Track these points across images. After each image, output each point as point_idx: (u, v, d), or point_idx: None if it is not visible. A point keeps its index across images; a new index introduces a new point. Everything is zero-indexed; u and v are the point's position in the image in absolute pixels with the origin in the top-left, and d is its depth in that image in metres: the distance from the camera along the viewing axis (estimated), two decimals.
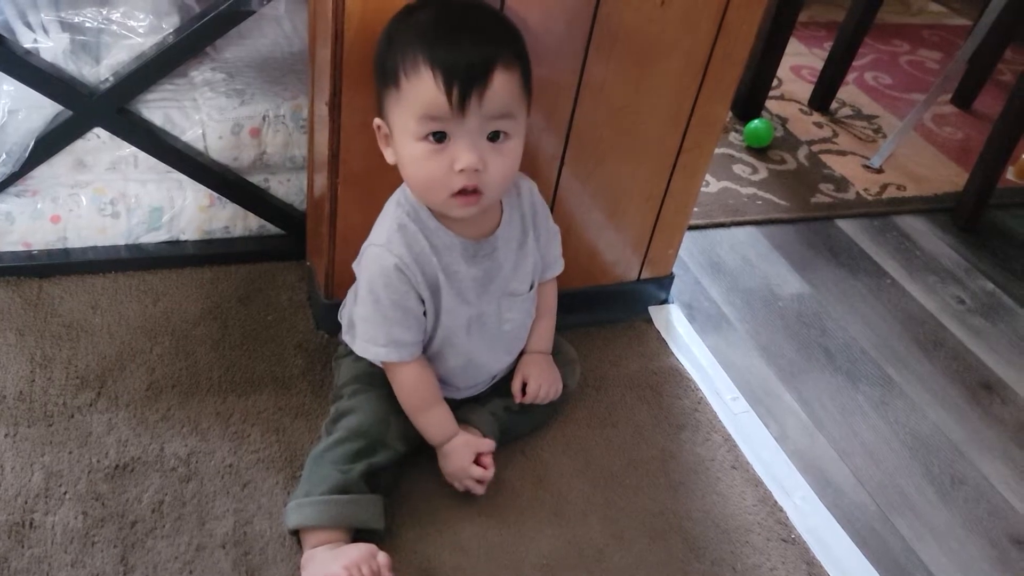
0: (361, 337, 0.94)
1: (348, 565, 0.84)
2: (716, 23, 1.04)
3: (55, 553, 0.87)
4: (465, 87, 0.80)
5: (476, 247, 0.94)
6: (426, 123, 0.83)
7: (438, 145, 0.84)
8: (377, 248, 0.91)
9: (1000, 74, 2.27)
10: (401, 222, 0.91)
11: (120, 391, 1.04)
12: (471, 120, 0.82)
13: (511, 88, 0.83)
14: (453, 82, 0.80)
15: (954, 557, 1.07)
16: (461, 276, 0.94)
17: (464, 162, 0.83)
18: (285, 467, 0.99)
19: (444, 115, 0.82)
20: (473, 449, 0.96)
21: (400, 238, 0.91)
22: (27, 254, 1.18)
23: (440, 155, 0.84)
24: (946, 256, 1.62)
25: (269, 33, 1.28)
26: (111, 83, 1.11)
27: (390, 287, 0.91)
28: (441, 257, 0.92)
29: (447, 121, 0.82)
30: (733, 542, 1.01)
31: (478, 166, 0.83)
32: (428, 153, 0.84)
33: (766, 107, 1.97)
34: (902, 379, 1.32)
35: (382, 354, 0.94)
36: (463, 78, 0.80)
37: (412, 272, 0.91)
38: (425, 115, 0.82)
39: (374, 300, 0.92)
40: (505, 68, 0.82)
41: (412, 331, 0.93)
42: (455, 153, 0.83)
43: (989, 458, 1.21)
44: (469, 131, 0.83)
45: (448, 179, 0.84)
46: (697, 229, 1.54)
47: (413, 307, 0.92)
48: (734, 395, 1.22)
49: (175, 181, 1.21)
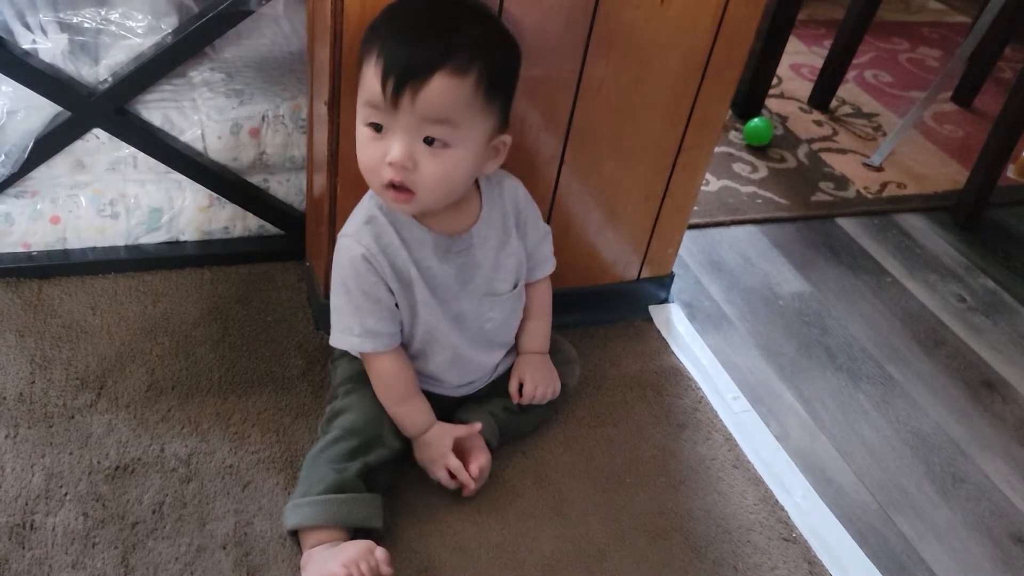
0: (336, 327, 0.95)
1: (346, 562, 0.84)
2: (716, 21, 1.04)
3: (56, 554, 0.87)
4: (399, 83, 0.80)
5: (449, 243, 0.94)
6: (367, 110, 0.85)
7: (377, 134, 0.85)
8: (346, 239, 0.93)
9: (1000, 72, 2.26)
10: (371, 214, 0.92)
11: (120, 392, 1.04)
12: (403, 117, 0.82)
13: (455, 95, 0.81)
14: (389, 75, 0.81)
15: (955, 556, 1.07)
16: (434, 272, 0.94)
17: (392, 154, 0.84)
18: (285, 467, 0.99)
19: (380, 105, 0.82)
20: (451, 435, 0.97)
21: (369, 230, 0.91)
22: (26, 255, 1.18)
23: (377, 144, 0.85)
24: (947, 254, 1.62)
25: (268, 33, 1.28)
26: (110, 84, 1.11)
27: (359, 277, 0.91)
28: (412, 251, 0.92)
29: (383, 112, 0.83)
30: (734, 541, 1.01)
31: (404, 163, 0.83)
32: (368, 139, 0.86)
33: (766, 105, 1.97)
34: (903, 377, 1.32)
35: (356, 344, 0.94)
36: (398, 73, 0.80)
37: (379, 263, 0.91)
38: (367, 101, 0.84)
39: (345, 290, 0.93)
40: (453, 74, 0.81)
41: (385, 321, 0.94)
42: (388, 146, 0.84)
43: (990, 456, 1.21)
44: (403, 127, 0.83)
45: (380, 168, 0.85)
46: (697, 228, 1.54)
47: (383, 297, 0.93)
48: (735, 394, 1.22)
49: (174, 182, 1.21)
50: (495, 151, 0.90)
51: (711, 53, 1.06)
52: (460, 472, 0.96)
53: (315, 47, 1.00)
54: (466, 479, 0.96)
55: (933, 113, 2.07)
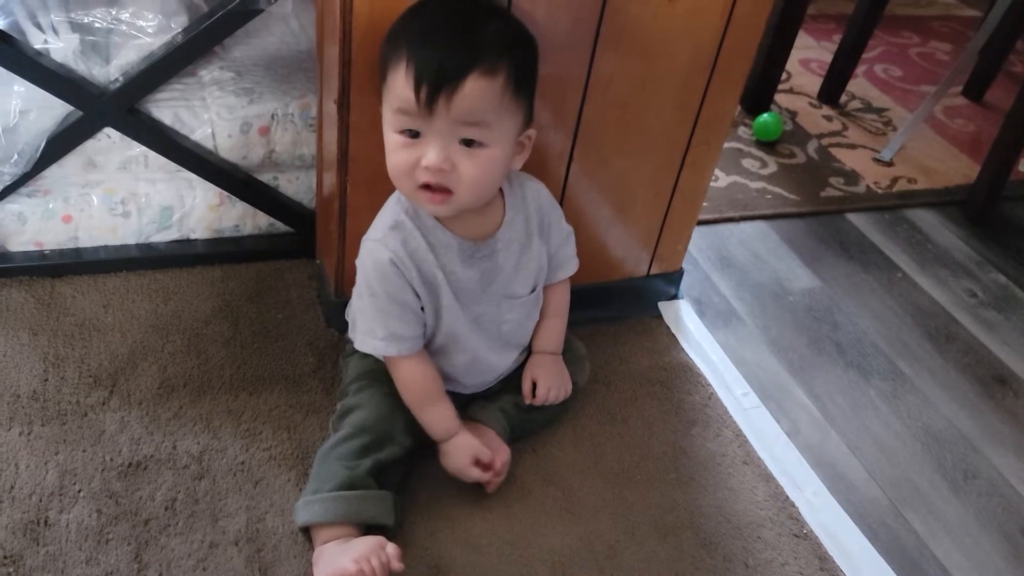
0: (360, 330, 0.95)
1: (357, 558, 0.84)
2: (724, 17, 1.04)
3: (70, 551, 0.88)
4: (433, 88, 0.80)
5: (474, 248, 0.94)
6: (399, 117, 0.84)
7: (410, 139, 0.85)
8: (372, 243, 0.93)
9: (1012, 65, 2.25)
10: (398, 219, 0.92)
11: (132, 389, 1.05)
12: (439, 122, 0.82)
13: (488, 97, 0.82)
14: (422, 82, 0.81)
15: (967, 552, 1.06)
16: (459, 276, 0.94)
17: (428, 159, 0.84)
18: (297, 464, 0.99)
19: (413, 112, 0.82)
20: (472, 452, 0.96)
21: (396, 234, 0.91)
22: (39, 254, 1.18)
23: (411, 149, 0.85)
24: (958, 249, 1.61)
25: (277, 32, 1.28)
26: (121, 83, 1.11)
27: (385, 281, 0.91)
28: (438, 256, 0.93)
29: (416, 118, 0.83)
30: (745, 537, 1.01)
31: (442, 166, 0.84)
32: (400, 145, 0.86)
33: (775, 101, 1.96)
34: (914, 373, 1.31)
35: (381, 347, 0.94)
36: (432, 79, 0.80)
37: (406, 267, 0.91)
38: (398, 109, 0.84)
39: (371, 294, 0.92)
40: (484, 75, 0.81)
41: (410, 325, 0.94)
42: (424, 150, 0.84)
43: (1002, 452, 1.21)
44: (439, 132, 0.83)
45: (414, 172, 0.85)
46: (706, 224, 1.54)
47: (410, 301, 0.93)
48: (745, 390, 1.22)
49: (185, 180, 1.21)
50: (521, 146, 0.91)
51: (720, 48, 1.06)
52: (483, 479, 0.97)
53: (324, 45, 1.01)
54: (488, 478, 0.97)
55: (944, 107, 2.06)
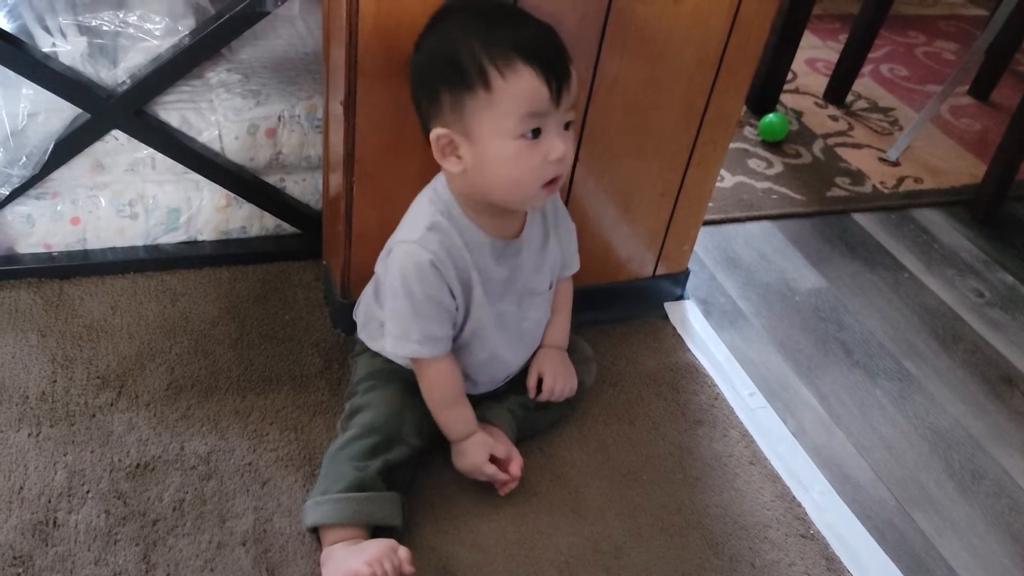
0: (393, 334, 0.94)
1: (370, 560, 0.84)
2: (730, 17, 1.04)
3: (78, 551, 0.88)
4: (560, 80, 0.84)
5: (504, 247, 0.95)
6: (528, 120, 0.84)
7: (533, 141, 0.85)
8: (410, 244, 0.91)
9: (1018, 64, 2.24)
10: (435, 220, 0.92)
11: (140, 391, 1.05)
12: (558, 114, 0.85)
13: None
14: (551, 76, 0.83)
15: (975, 552, 1.06)
16: (490, 274, 0.95)
17: (559, 151, 0.85)
18: (304, 465, 0.99)
19: (544, 109, 0.84)
20: (488, 449, 0.97)
21: (434, 235, 0.91)
22: (48, 256, 1.19)
23: (534, 150, 0.85)
24: (964, 249, 1.61)
25: (283, 34, 1.29)
26: (128, 85, 1.12)
27: (424, 282, 0.91)
28: (473, 254, 0.93)
29: (542, 116, 0.84)
30: (751, 538, 1.01)
31: (571, 152, 0.87)
32: (523, 150, 0.85)
33: (781, 101, 1.96)
34: (921, 373, 1.31)
35: (415, 350, 0.94)
36: (557, 71, 0.83)
37: (446, 268, 0.91)
38: (529, 112, 0.84)
39: (407, 295, 0.91)
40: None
41: (444, 326, 0.94)
42: (547, 145, 0.85)
43: (1009, 452, 1.20)
44: (556, 123, 0.86)
45: (542, 170, 0.86)
46: (712, 224, 1.54)
47: (446, 301, 0.93)
48: (751, 390, 1.22)
49: (192, 182, 1.22)
50: None
51: (725, 48, 1.06)
52: (497, 478, 0.97)
53: (330, 47, 1.01)
54: (504, 478, 0.98)
55: (950, 107, 2.06)
